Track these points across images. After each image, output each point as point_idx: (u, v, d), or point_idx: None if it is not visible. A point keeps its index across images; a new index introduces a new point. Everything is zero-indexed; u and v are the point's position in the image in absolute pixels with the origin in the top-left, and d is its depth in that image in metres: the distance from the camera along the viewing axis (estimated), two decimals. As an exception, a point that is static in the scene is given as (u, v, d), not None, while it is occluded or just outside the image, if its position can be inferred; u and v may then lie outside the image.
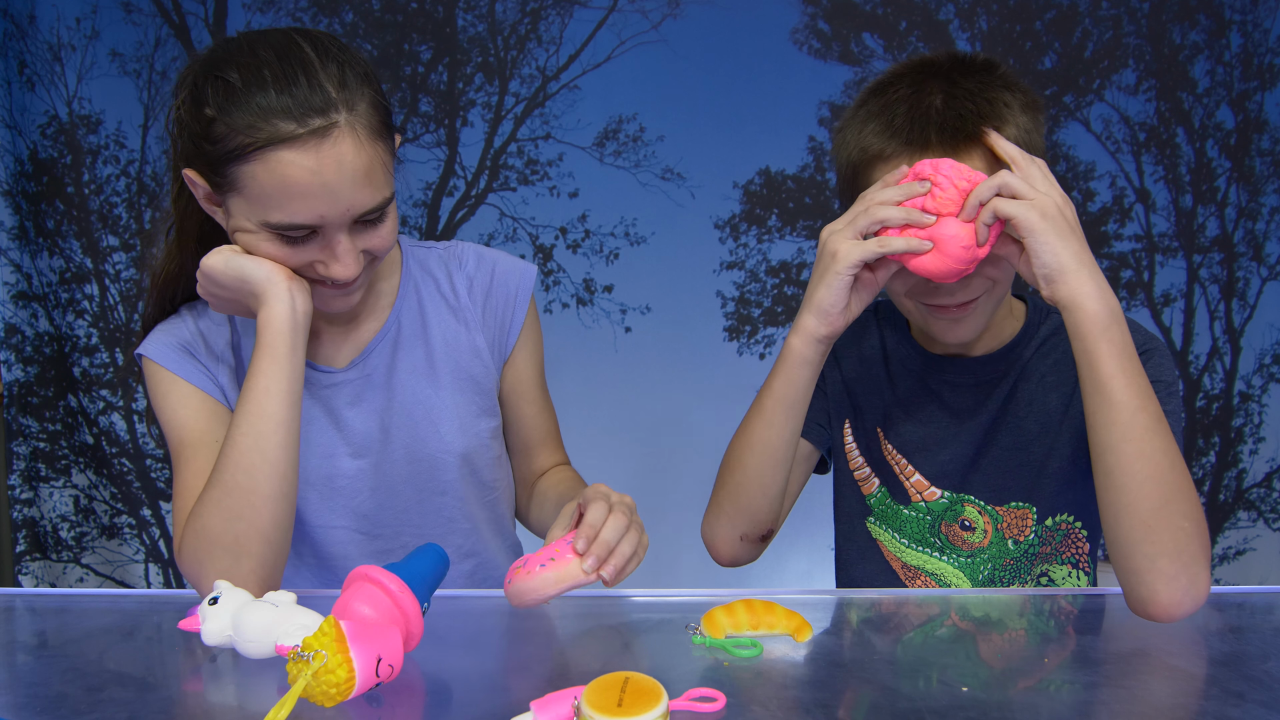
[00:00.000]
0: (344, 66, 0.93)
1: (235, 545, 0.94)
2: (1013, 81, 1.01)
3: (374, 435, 1.11)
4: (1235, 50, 2.20)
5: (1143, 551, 0.87)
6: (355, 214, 0.94)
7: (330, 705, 0.70)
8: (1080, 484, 1.09)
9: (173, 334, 1.08)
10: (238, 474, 0.94)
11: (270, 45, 0.93)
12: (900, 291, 1.05)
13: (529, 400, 1.21)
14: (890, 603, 1.01)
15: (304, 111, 0.89)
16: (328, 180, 0.91)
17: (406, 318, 1.13)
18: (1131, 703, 0.74)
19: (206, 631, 0.83)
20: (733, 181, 2.25)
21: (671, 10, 2.19)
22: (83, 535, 2.33)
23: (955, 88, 0.98)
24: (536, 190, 2.26)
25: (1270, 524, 2.34)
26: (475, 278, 1.16)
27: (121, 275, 2.26)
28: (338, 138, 0.90)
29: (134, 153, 2.23)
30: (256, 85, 0.90)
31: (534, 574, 0.83)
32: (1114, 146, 2.23)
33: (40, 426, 2.28)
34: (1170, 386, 1.04)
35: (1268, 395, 2.30)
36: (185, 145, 0.97)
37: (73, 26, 2.18)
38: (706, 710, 0.71)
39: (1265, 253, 2.26)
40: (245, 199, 0.93)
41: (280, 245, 0.95)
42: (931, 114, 0.96)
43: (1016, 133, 0.97)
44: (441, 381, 1.13)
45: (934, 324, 1.06)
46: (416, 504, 1.14)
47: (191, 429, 1.04)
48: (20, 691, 0.78)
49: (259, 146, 0.89)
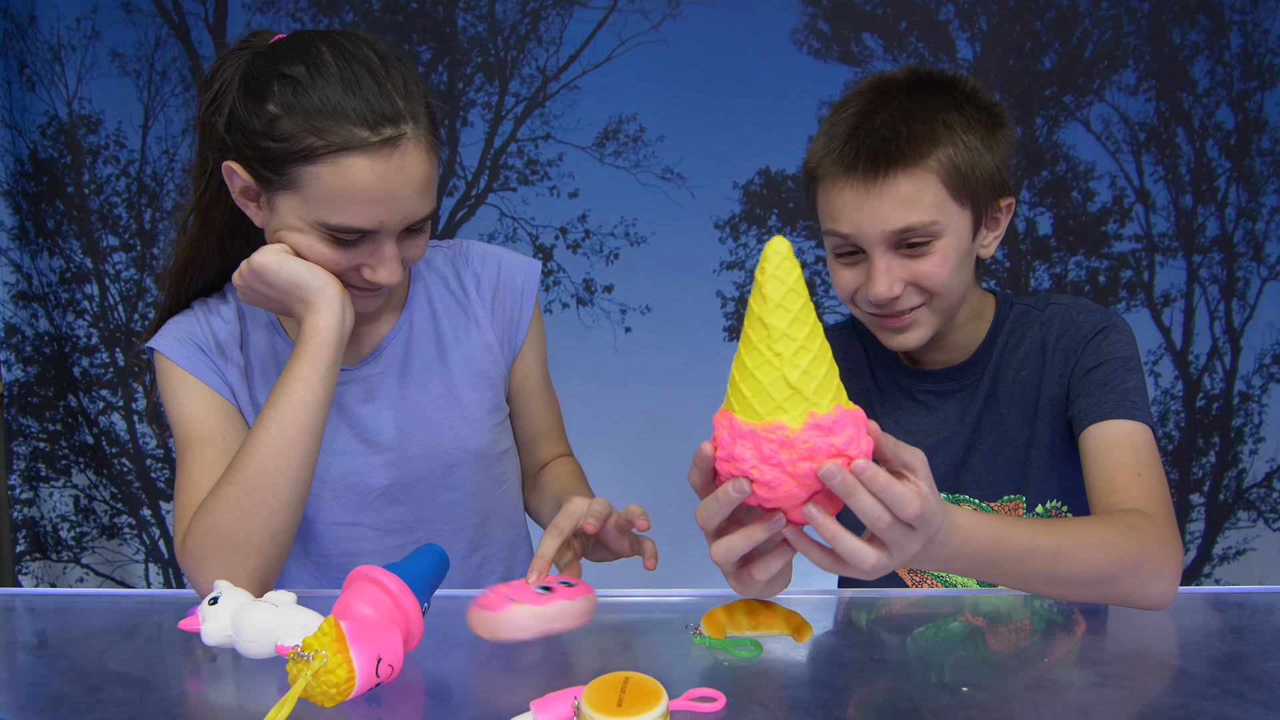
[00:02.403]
0: (406, 77, 0.96)
1: (245, 544, 0.94)
2: (974, 98, 1.04)
3: (387, 432, 1.12)
4: (1235, 50, 2.20)
5: (1119, 596, 0.89)
6: (410, 222, 0.97)
7: (330, 705, 0.70)
8: (1062, 469, 1.10)
9: (185, 330, 1.08)
10: (260, 475, 0.95)
11: (332, 44, 0.95)
12: (846, 298, 1.08)
13: (535, 395, 1.23)
14: (890, 603, 1.01)
15: (377, 119, 0.92)
16: (393, 189, 0.93)
17: (418, 315, 1.15)
18: (1131, 703, 0.74)
19: (206, 631, 0.83)
20: (733, 181, 2.25)
21: (671, 10, 2.19)
22: (83, 535, 2.33)
23: (901, 109, 1.01)
24: (536, 190, 2.26)
25: (1270, 524, 2.34)
26: (482, 275, 1.17)
27: (121, 275, 2.26)
28: (406, 148, 0.93)
29: (134, 153, 2.23)
30: (325, 85, 0.92)
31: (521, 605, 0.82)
32: (1114, 146, 2.23)
33: (40, 426, 2.28)
34: (1129, 361, 1.05)
35: (1268, 395, 2.30)
36: (235, 139, 0.97)
37: (73, 26, 2.18)
38: (706, 710, 0.71)
39: (1265, 253, 2.26)
40: (303, 199, 0.94)
41: (331, 246, 0.97)
42: (864, 137, 0.99)
43: (954, 153, 1.00)
44: (454, 378, 1.14)
45: (879, 331, 1.09)
46: (429, 499, 1.15)
47: (199, 424, 1.05)
48: (20, 691, 0.78)
49: (332, 150, 0.91)
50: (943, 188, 1.00)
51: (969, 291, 1.11)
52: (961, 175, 1.00)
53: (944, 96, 1.03)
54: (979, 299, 1.15)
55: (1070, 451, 1.08)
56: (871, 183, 0.99)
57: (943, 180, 1.00)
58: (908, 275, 1.02)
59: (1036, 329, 1.12)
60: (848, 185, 1.00)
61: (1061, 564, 0.82)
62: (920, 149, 0.99)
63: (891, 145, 0.98)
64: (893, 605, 1.00)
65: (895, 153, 0.98)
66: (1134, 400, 1.02)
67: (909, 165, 0.98)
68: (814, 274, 2.27)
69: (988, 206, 1.05)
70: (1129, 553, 0.86)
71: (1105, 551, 0.85)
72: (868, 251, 1.02)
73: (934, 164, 0.99)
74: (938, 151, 0.99)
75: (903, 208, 0.99)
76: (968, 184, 1.01)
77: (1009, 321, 1.14)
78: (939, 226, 1.00)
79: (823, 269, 2.27)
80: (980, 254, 1.09)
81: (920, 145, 0.99)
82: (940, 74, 1.05)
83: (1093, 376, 1.05)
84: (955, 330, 1.13)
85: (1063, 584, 0.84)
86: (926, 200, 0.99)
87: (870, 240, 1.01)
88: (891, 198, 0.99)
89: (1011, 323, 1.14)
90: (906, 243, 1.01)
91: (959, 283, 1.05)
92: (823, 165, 1.03)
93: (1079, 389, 1.06)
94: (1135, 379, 1.04)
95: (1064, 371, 1.09)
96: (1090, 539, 0.84)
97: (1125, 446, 0.99)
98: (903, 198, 0.99)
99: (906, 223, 0.99)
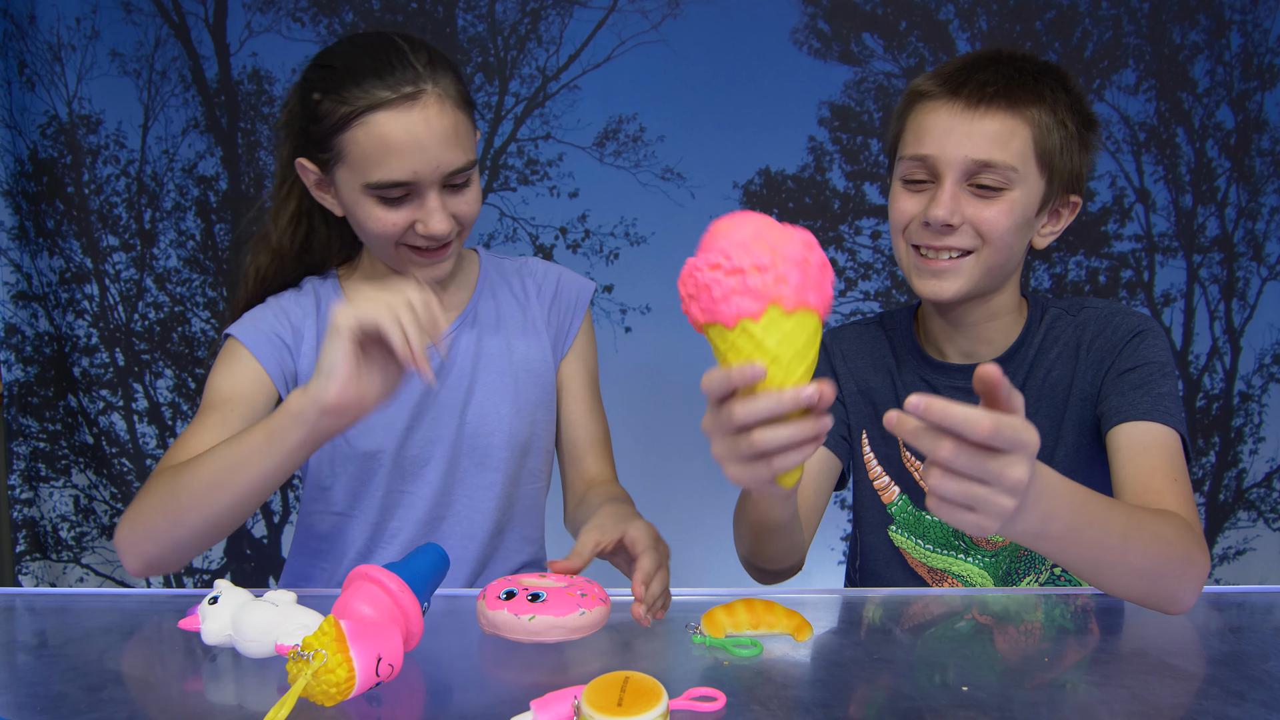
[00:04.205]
0: (432, 53, 1.06)
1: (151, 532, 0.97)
2: (1079, 98, 1.07)
3: (443, 413, 1.19)
4: (1235, 50, 2.20)
5: (1158, 594, 0.87)
6: (444, 171, 1.04)
7: (330, 705, 0.70)
8: (1087, 470, 1.10)
9: (266, 323, 1.14)
10: (184, 494, 0.95)
11: (369, 40, 1.06)
12: (898, 229, 1.10)
13: (578, 399, 1.27)
14: (891, 602, 1.01)
15: (397, 81, 1.02)
16: (419, 138, 1.02)
17: (483, 309, 1.23)
18: (1131, 703, 0.74)
19: (206, 631, 0.83)
20: (733, 181, 2.25)
21: (671, 10, 2.19)
22: (83, 535, 2.33)
23: (1017, 66, 1.05)
24: (536, 190, 2.26)
25: (1270, 524, 2.34)
26: (543, 284, 1.27)
27: (121, 275, 2.26)
28: (426, 102, 1.02)
29: (134, 153, 2.23)
30: (356, 68, 1.03)
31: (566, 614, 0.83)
32: (1114, 146, 2.23)
33: (40, 426, 2.28)
34: (1165, 367, 1.06)
35: (1268, 395, 2.30)
36: (296, 135, 1.09)
37: (73, 26, 2.18)
38: (706, 710, 0.71)
39: (1265, 253, 2.26)
40: (349, 166, 1.04)
41: (382, 207, 1.05)
42: (978, 71, 1.03)
43: (1052, 122, 1.03)
44: (511, 367, 1.22)
45: (917, 275, 1.09)
46: (471, 478, 1.21)
47: (221, 392, 1.09)
48: (20, 691, 0.78)
49: (358, 113, 1.01)
50: (1031, 145, 1.03)
51: (1013, 282, 1.12)
52: (1050, 146, 1.04)
53: (1056, 80, 1.06)
54: (1019, 295, 1.15)
55: (1095, 453, 1.08)
56: (972, 109, 1.02)
57: (1034, 138, 1.03)
58: (970, 213, 1.04)
59: (1071, 331, 1.12)
60: (946, 107, 1.04)
61: (1130, 547, 0.80)
62: (1025, 99, 1.03)
63: (1001, 84, 1.02)
64: (893, 605, 1.00)
65: (1002, 92, 1.02)
66: (1167, 406, 1.03)
67: (1011, 108, 1.02)
68: (814, 274, 2.27)
69: (1058, 192, 1.07)
70: (1179, 551, 0.86)
71: (1163, 544, 0.84)
72: (942, 176, 1.04)
73: (1032, 118, 1.03)
74: (1038, 110, 1.03)
75: (991, 142, 1.02)
76: (1052, 157, 1.04)
77: (1044, 322, 1.14)
78: (1016, 176, 1.03)
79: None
80: (1035, 242, 1.10)
81: (1026, 95, 1.03)
82: (1062, 69, 1.09)
83: (1128, 378, 1.05)
84: (991, 320, 1.13)
85: (1125, 571, 0.82)
86: (1015, 146, 1.02)
87: (950, 163, 1.03)
88: (984, 130, 1.02)
89: (1047, 323, 1.14)
90: (980, 181, 1.03)
91: (1012, 243, 1.06)
92: (928, 85, 1.07)
93: (1112, 388, 1.06)
94: (1169, 385, 1.05)
95: (1098, 372, 1.09)
96: (1151, 528, 0.84)
97: (1161, 450, 1.00)
98: (995, 134, 1.02)
99: (990, 156, 1.02)
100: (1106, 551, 0.78)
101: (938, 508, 0.66)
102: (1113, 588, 0.84)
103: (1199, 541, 0.89)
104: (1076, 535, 0.74)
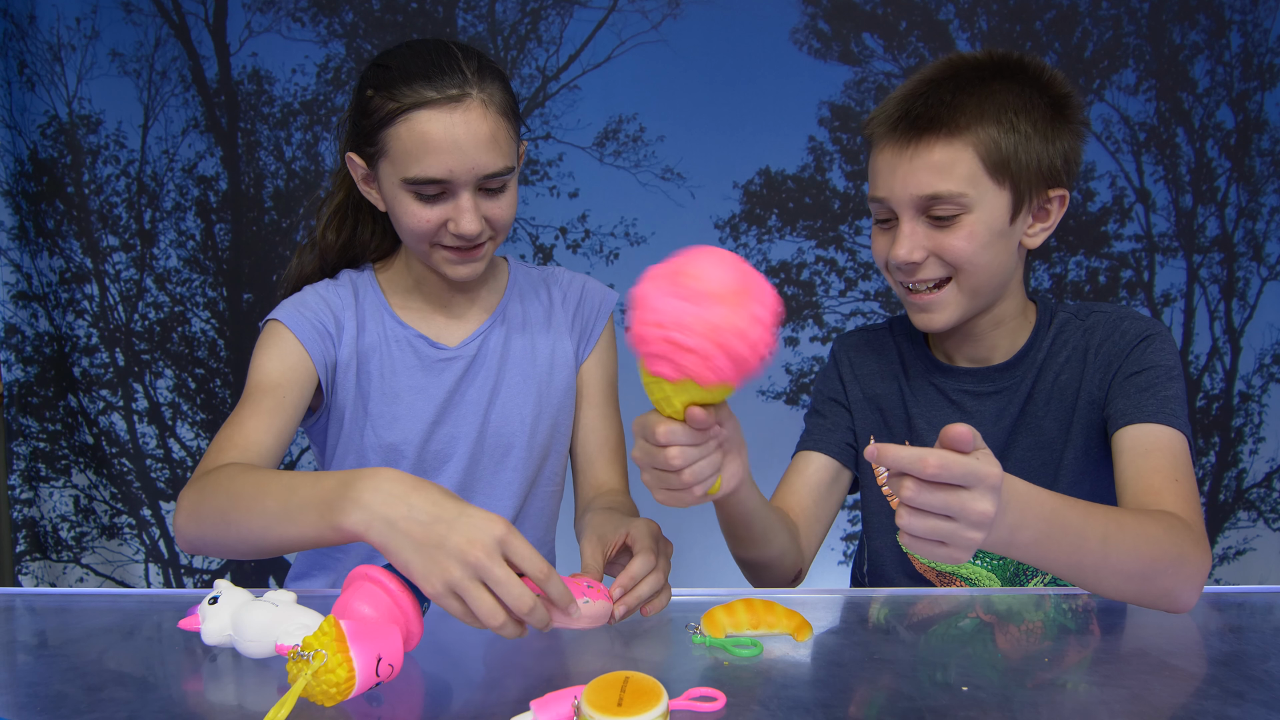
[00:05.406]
0: (483, 62, 1.09)
1: (215, 526, 0.95)
2: (1043, 85, 1.05)
3: (468, 410, 1.21)
4: (1235, 50, 2.20)
5: (1153, 594, 0.87)
6: (479, 173, 1.07)
7: (330, 705, 0.70)
8: (1094, 473, 1.10)
9: (311, 310, 1.16)
10: (250, 526, 0.90)
11: (426, 45, 1.10)
12: (880, 266, 1.11)
13: (593, 404, 1.28)
14: (891, 603, 1.01)
15: (444, 83, 1.06)
16: (458, 139, 1.05)
17: (511, 312, 1.26)
18: (1131, 703, 0.74)
19: (206, 631, 0.83)
20: (733, 181, 2.25)
21: (671, 10, 2.19)
22: (83, 535, 2.33)
23: (956, 83, 1.03)
24: (536, 190, 2.26)
25: (1270, 524, 2.34)
26: (569, 291, 1.30)
27: (121, 275, 2.26)
28: (469, 105, 1.05)
29: (134, 153, 2.23)
30: (409, 69, 1.06)
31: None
32: (1114, 146, 2.23)
33: (40, 426, 2.28)
34: (1172, 370, 1.06)
35: (1268, 395, 2.30)
36: (349, 131, 1.13)
37: (73, 26, 2.18)
38: (706, 710, 0.71)
39: (1265, 253, 2.26)
40: (390, 160, 1.08)
41: (418, 203, 1.08)
42: (912, 103, 1.02)
43: (999, 133, 1.01)
44: (536, 372, 1.24)
45: (908, 308, 1.11)
46: (490, 476, 1.22)
47: (271, 375, 1.10)
48: (20, 691, 0.78)
49: (403, 110, 1.05)
50: (979, 163, 1.01)
51: (1013, 289, 1.12)
52: (1003, 155, 1.02)
53: (1008, 79, 1.04)
54: (1023, 300, 1.15)
55: (1103, 456, 1.08)
56: (906, 145, 1.02)
57: (980, 156, 1.01)
58: (932, 245, 1.04)
59: (1080, 335, 1.12)
60: (890, 147, 1.04)
61: (1111, 550, 0.81)
62: (960, 121, 1.01)
63: (934, 113, 1.01)
64: (893, 605, 1.00)
65: (935, 120, 1.01)
66: (1173, 409, 1.02)
67: (947, 135, 1.01)
68: (813, 274, 2.27)
69: (1033, 194, 1.05)
70: (1170, 551, 0.86)
71: (1149, 545, 0.84)
72: (898, 216, 1.04)
73: (973, 139, 1.01)
74: (980, 128, 1.01)
75: (933, 174, 1.01)
76: (1008, 166, 1.02)
77: (1053, 326, 1.14)
78: (968, 200, 1.02)
79: (823, 269, 2.27)
80: (1026, 244, 1.08)
81: (961, 118, 1.01)
82: (1016, 58, 1.07)
83: (1134, 381, 1.06)
84: (997, 327, 1.13)
85: (1110, 574, 0.83)
86: (959, 172, 1.01)
87: (899, 203, 1.03)
88: (924, 163, 1.01)
89: (1056, 327, 1.14)
90: (934, 213, 1.02)
91: (988, 262, 1.05)
92: (871, 126, 1.07)
93: (1119, 391, 1.06)
94: (1176, 388, 1.05)
95: (1105, 375, 1.09)
96: (1135, 530, 0.84)
97: (1163, 451, 1.00)
98: (935, 165, 1.01)
99: (934, 190, 1.01)
100: (1086, 555, 0.80)
101: (910, 544, 0.71)
102: (1101, 590, 0.85)
103: (1197, 541, 0.89)
104: (1049, 542, 0.77)
